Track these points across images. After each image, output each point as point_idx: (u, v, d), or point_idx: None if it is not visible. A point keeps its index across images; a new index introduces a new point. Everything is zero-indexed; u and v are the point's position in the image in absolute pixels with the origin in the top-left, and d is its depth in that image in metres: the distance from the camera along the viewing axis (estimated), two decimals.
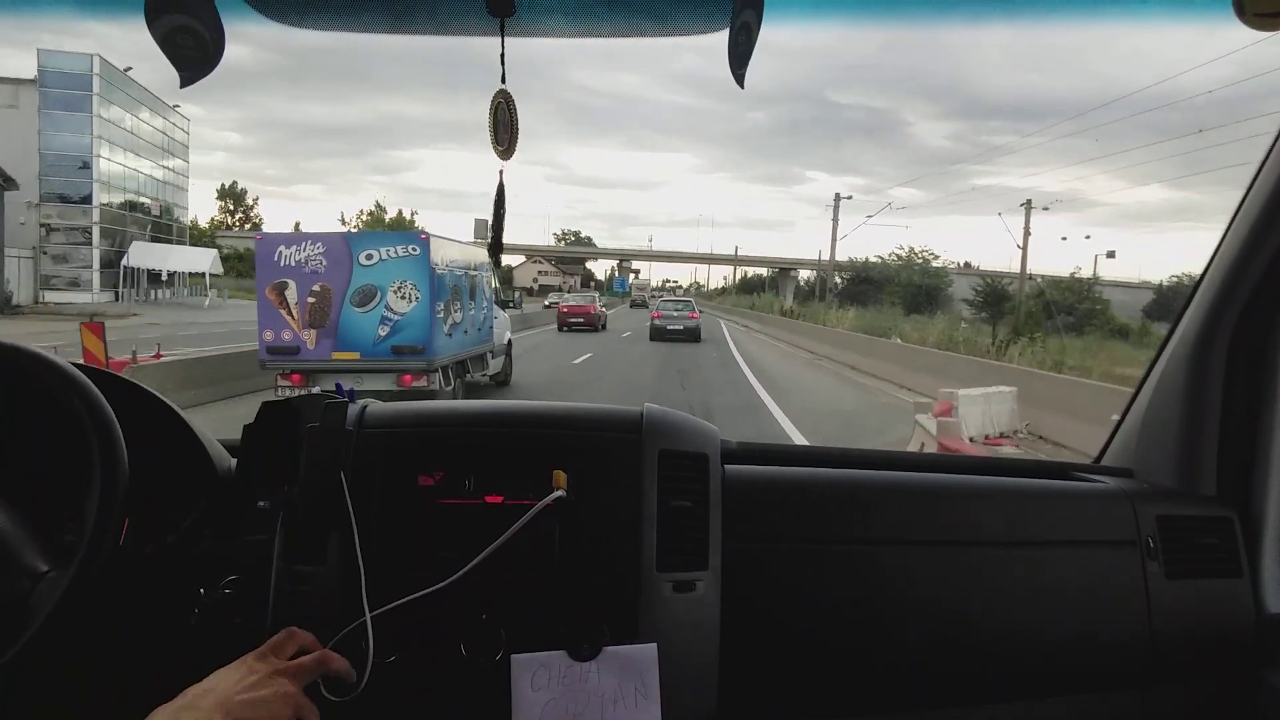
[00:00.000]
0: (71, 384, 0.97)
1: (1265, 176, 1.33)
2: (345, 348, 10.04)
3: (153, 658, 1.09)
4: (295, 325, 10.05)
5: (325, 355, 10.05)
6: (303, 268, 10.02)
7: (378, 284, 10.04)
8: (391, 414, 1.26)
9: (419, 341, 10.09)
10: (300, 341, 10.07)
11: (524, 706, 1.11)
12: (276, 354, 10.12)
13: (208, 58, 1.02)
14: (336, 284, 10.02)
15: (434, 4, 1.12)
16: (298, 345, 10.08)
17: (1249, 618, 1.39)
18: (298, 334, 10.07)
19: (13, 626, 0.88)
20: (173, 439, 1.16)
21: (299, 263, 10.01)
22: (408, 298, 10.06)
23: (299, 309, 10.04)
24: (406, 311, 10.05)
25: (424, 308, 10.06)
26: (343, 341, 10.04)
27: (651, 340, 26.06)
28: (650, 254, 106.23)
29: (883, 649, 1.28)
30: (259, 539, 1.16)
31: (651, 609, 1.16)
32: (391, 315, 10.05)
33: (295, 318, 10.05)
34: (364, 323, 10.03)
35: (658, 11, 1.12)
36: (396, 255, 10.07)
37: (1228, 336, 1.44)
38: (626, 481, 1.20)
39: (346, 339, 10.04)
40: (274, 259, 10.01)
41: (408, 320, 10.06)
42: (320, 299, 10.03)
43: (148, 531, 1.13)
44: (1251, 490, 1.44)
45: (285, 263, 10.01)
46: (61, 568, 0.95)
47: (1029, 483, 1.48)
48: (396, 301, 10.05)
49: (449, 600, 1.12)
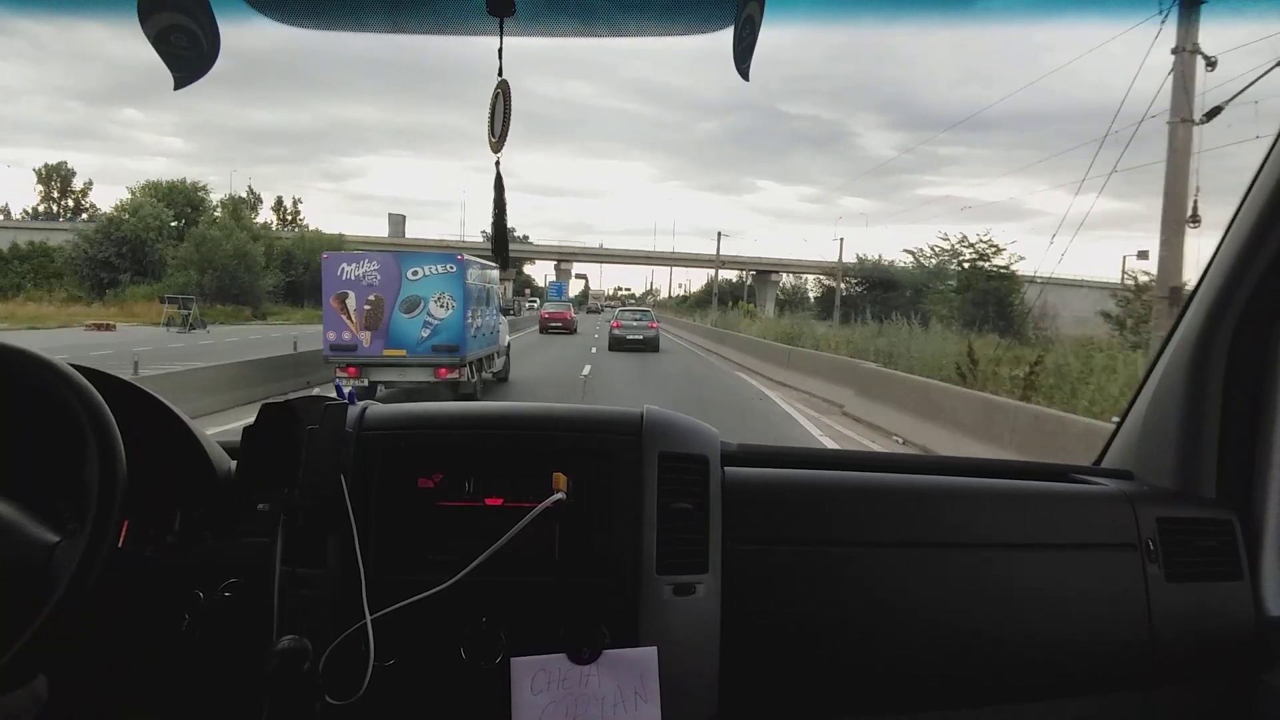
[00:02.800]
0: (69, 385, 0.84)
1: (1264, 179, 1.15)
2: (394, 346, 10.73)
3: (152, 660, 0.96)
4: (354, 328, 10.79)
5: (378, 352, 10.73)
6: (360, 281, 10.77)
7: (422, 295, 10.81)
8: (391, 416, 1.11)
9: (454, 341, 10.83)
10: (358, 341, 10.81)
11: (524, 709, 0.98)
12: (338, 350, 10.83)
13: (204, 58, 0.88)
14: (388, 295, 10.76)
15: (434, 3, 0.97)
16: (355, 344, 10.81)
17: (1249, 620, 1.20)
18: (355, 334, 10.80)
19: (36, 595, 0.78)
20: (172, 440, 1.01)
21: (358, 277, 10.78)
22: (446, 306, 10.85)
23: (357, 314, 10.79)
24: (444, 317, 10.82)
25: (459, 314, 10.83)
26: (392, 341, 10.73)
27: (611, 350, 21.79)
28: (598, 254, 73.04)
29: (883, 651, 1.11)
30: (259, 541, 1.01)
31: (651, 612, 1.02)
32: (432, 320, 10.81)
33: (354, 321, 10.80)
34: (410, 326, 10.76)
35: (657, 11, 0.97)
36: (437, 272, 10.92)
37: (1227, 339, 1.25)
38: (626, 484, 1.05)
39: (395, 339, 10.74)
40: (337, 274, 10.76)
41: (445, 324, 10.83)
42: (375, 306, 10.78)
43: (147, 534, 0.98)
44: (1251, 493, 1.25)
45: (346, 277, 10.75)
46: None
47: (1029, 485, 1.30)
48: (436, 309, 10.83)
49: (449, 603, 0.99)
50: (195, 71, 0.88)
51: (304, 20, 0.95)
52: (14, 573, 0.80)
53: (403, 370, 10.78)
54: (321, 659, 0.94)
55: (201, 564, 1.00)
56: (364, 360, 10.74)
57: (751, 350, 20.12)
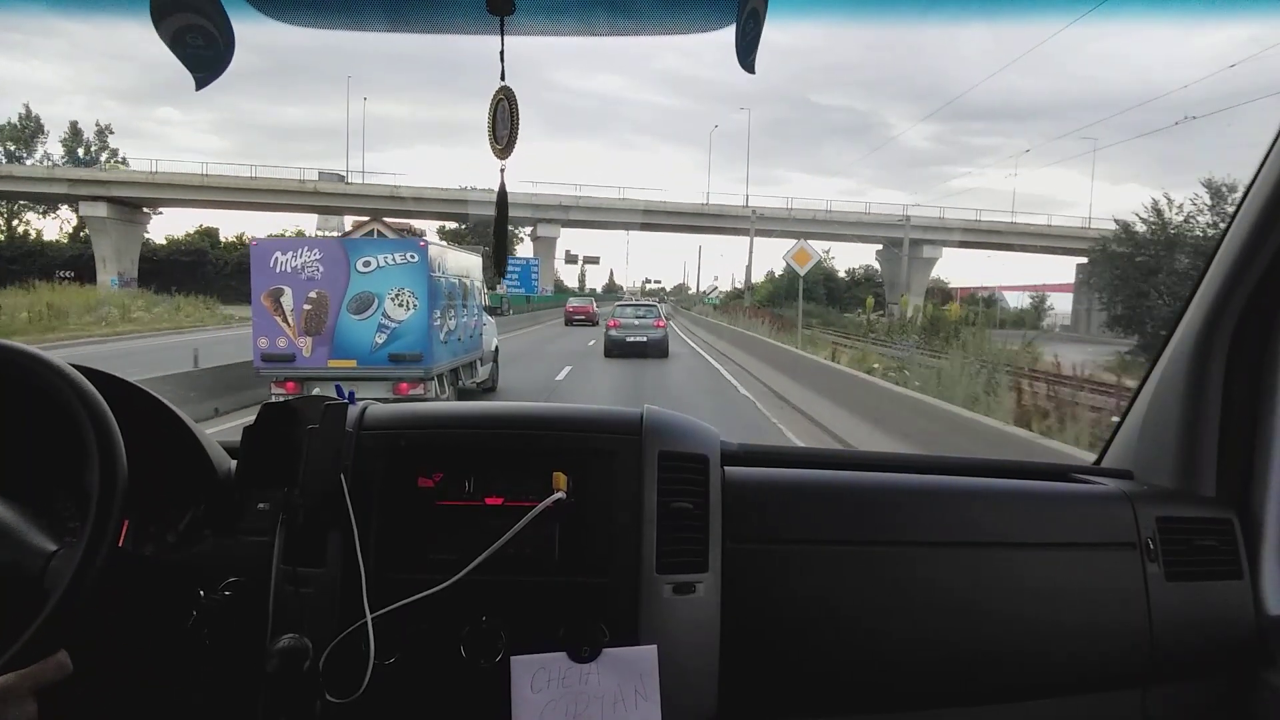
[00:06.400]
0: (69, 384, 0.96)
1: (1264, 177, 1.34)
2: (341, 355, 9.90)
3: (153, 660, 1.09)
4: (291, 333, 9.88)
5: (321, 363, 9.82)
6: (299, 274, 9.82)
7: (375, 291, 9.91)
8: (391, 415, 1.26)
9: (416, 349, 9.97)
10: (296, 349, 9.91)
11: (524, 708, 1.11)
12: (271, 362, 9.98)
13: (219, 57, 1.02)
14: (333, 291, 9.82)
15: (434, 3, 1.12)
16: (293, 353, 9.92)
17: (1249, 619, 1.39)
18: (293, 341, 9.88)
19: (30, 604, 0.88)
20: (172, 440, 1.16)
21: (295, 269, 9.82)
22: (405, 305, 9.94)
23: (294, 316, 9.87)
24: (404, 319, 9.94)
25: (422, 316, 9.97)
26: (339, 349, 9.90)
27: (608, 357, 19.90)
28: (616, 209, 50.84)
29: (882, 650, 1.27)
30: (259, 541, 1.16)
31: (651, 611, 1.16)
32: (389, 323, 9.93)
33: (291, 325, 9.89)
34: (361, 330, 9.89)
35: (657, 10, 1.12)
36: (395, 262, 9.94)
37: (1227, 337, 1.44)
38: (626, 483, 1.20)
39: (343, 347, 9.91)
40: (269, 265, 9.82)
41: (405, 328, 9.91)
42: (316, 306, 9.88)
43: (147, 533, 1.13)
44: (1251, 492, 1.45)
45: (281, 269, 9.82)
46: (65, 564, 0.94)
47: (1029, 484, 1.48)
48: (394, 309, 9.92)
49: (449, 602, 1.13)
50: (213, 71, 1.02)
51: (304, 20, 1.11)
52: (9, 579, 0.91)
53: (354, 386, 9.63)
54: (322, 657, 1.07)
55: (202, 563, 1.14)
56: (304, 374, 9.80)
57: None
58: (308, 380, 9.84)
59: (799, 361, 14.38)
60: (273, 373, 10.01)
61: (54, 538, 0.96)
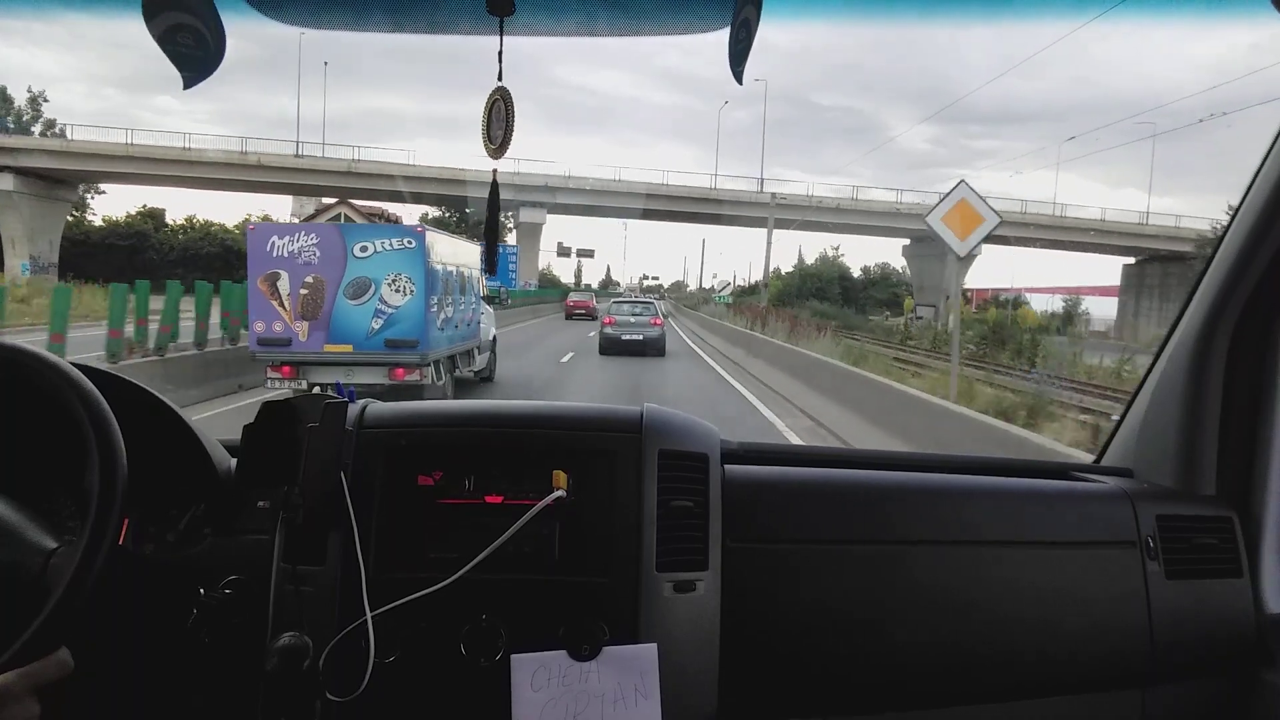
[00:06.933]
0: (70, 383, 0.98)
1: (1264, 177, 1.36)
2: (338, 340, 10.09)
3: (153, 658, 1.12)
4: (287, 317, 10.08)
5: (317, 347, 10.09)
6: (296, 259, 10.02)
7: (372, 277, 10.08)
8: (392, 414, 1.29)
9: (413, 335, 10.14)
10: (292, 333, 10.10)
11: (524, 706, 1.14)
12: (267, 345, 10.16)
13: (210, 57, 1.04)
14: (330, 276, 10.04)
15: (433, 3, 1.14)
16: (289, 337, 10.11)
17: (1249, 617, 1.42)
18: (289, 326, 10.09)
19: (30, 603, 0.90)
20: (172, 438, 1.19)
21: (292, 254, 10.02)
22: (402, 291, 10.10)
23: (291, 300, 10.06)
24: (401, 305, 10.11)
25: (419, 301, 10.14)
26: (335, 334, 10.09)
27: (602, 354, 19.79)
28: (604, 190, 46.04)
29: (882, 649, 1.31)
30: (259, 539, 1.19)
31: (651, 609, 1.19)
32: (385, 308, 10.10)
33: (287, 309, 10.08)
34: (357, 315, 10.08)
35: (656, 11, 1.14)
36: (392, 248, 10.12)
37: (1227, 336, 1.47)
38: (626, 482, 1.23)
39: (339, 332, 10.09)
40: (266, 249, 10.01)
41: (402, 314, 10.12)
42: (313, 291, 10.05)
43: (147, 532, 1.16)
44: (1251, 490, 1.48)
45: (278, 253, 10.01)
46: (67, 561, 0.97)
47: (1029, 483, 1.51)
48: (391, 294, 10.09)
49: (449, 600, 1.15)
50: (202, 71, 1.04)
51: (304, 20, 1.13)
52: (10, 578, 0.93)
53: (349, 370, 9.99)
54: (322, 656, 1.10)
55: (203, 562, 1.17)
56: (300, 358, 10.05)
57: None
58: (303, 364, 10.06)
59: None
60: (269, 356, 10.20)
61: (54, 536, 0.99)
